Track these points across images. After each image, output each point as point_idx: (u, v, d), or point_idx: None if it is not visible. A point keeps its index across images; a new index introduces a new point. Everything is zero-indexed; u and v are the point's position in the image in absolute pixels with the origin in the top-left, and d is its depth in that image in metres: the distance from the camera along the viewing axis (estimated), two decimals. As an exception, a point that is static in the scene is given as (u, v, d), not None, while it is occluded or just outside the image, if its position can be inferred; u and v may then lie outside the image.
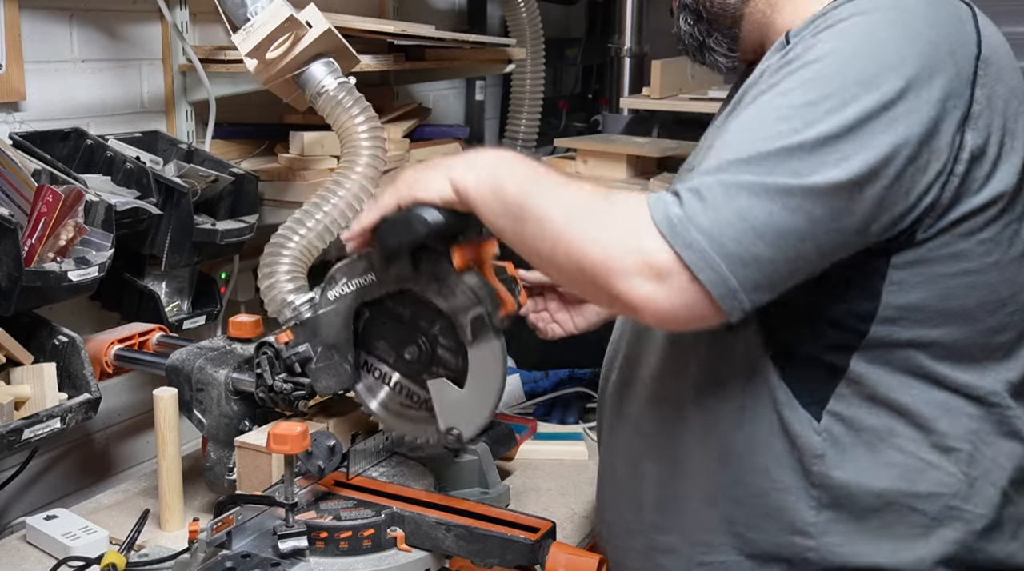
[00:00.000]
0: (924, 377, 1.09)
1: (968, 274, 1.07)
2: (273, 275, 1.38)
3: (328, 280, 1.28)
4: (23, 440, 1.33)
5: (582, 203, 1.03)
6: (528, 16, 2.44)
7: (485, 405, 1.24)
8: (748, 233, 0.95)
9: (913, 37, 1.02)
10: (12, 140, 1.52)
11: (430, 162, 1.17)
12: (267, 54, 1.40)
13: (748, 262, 0.96)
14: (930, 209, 1.03)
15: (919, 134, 1.00)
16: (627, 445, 1.27)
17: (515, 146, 2.56)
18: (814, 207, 0.96)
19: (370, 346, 1.32)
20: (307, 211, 1.41)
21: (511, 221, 1.07)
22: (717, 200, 0.96)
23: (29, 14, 1.57)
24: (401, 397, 1.32)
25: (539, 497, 1.65)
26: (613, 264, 0.98)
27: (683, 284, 0.96)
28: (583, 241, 1.00)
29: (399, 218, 1.14)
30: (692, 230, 0.95)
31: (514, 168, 1.08)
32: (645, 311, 0.98)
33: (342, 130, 1.42)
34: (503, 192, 1.07)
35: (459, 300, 1.21)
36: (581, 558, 1.22)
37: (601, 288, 1.00)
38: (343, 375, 1.32)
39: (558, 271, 1.06)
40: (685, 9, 1.26)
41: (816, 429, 1.10)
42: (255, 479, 1.37)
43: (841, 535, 1.10)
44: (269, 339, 1.35)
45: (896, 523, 1.10)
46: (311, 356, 1.32)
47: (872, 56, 1.01)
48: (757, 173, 0.97)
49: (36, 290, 1.34)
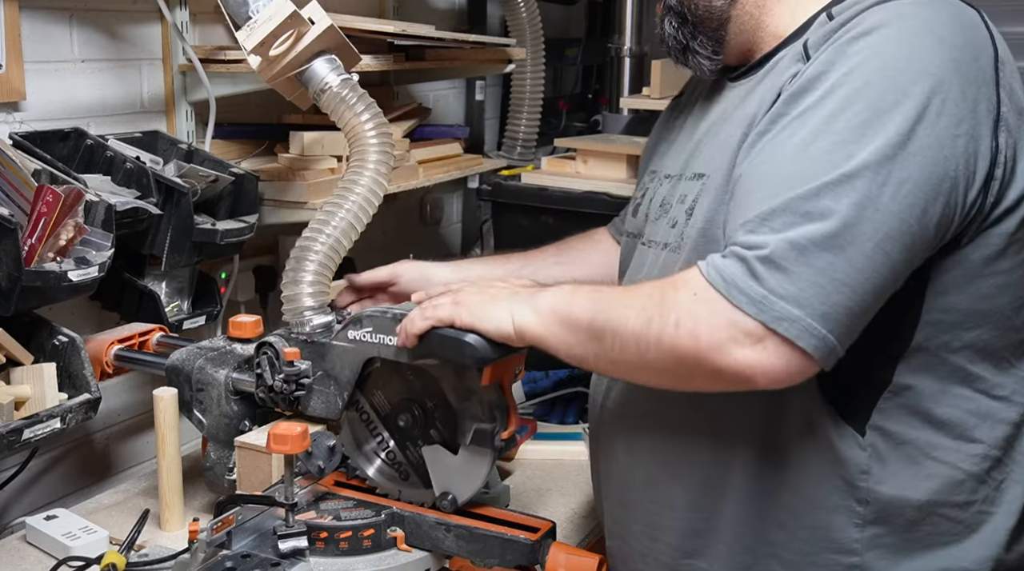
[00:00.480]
0: (963, 381, 1.09)
1: (1001, 274, 1.08)
2: (298, 284, 1.38)
3: (355, 320, 1.29)
4: (23, 440, 1.33)
5: (649, 303, 1.04)
6: (528, 16, 2.44)
7: (480, 472, 1.26)
8: (836, 290, 0.96)
9: (941, 46, 1.01)
10: (12, 140, 1.52)
11: (494, 288, 1.20)
12: (271, 51, 1.40)
13: (842, 316, 0.96)
14: (977, 213, 1.04)
15: (964, 143, 1.00)
16: (643, 470, 1.24)
17: (515, 146, 2.56)
18: (886, 238, 0.97)
19: (369, 391, 1.34)
20: (329, 212, 1.40)
21: (589, 345, 1.08)
22: (794, 265, 0.96)
23: (29, 14, 1.57)
24: (394, 467, 1.35)
25: (539, 497, 1.65)
26: (706, 344, 0.98)
27: (780, 346, 0.96)
28: (670, 336, 1.01)
29: (451, 338, 1.17)
30: (779, 303, 0.95)
31: (575, 298, 1.11)
32: (756, 376, 0.98)
33: (347, 127, 1.42)
34: (573, 322, 1.09)
35: (472, 409, 1.25)
36: (581, 558, 1.22)
37: (705, 371, 1.00)
38: (332, 406, 1.33)
39: (654, 372, 1.06)
40: (670, 11, 1.24)
41: (861, 444, 1.09)
42: (255, 479, 1.37)
43: (884, 550, 1.10)
44: (270, 339, 1.35)
45: (934, 533, 1.10)
46: (309, 375, 1.34)
47: (906, 70, 1.00)
48: (822, 219, 0.96)
49: (36, 290, 1.34)
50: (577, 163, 2.27)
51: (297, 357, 1.33)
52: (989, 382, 1.10)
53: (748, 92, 1.17)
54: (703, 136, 1.23)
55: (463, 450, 1.26)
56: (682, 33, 1.23)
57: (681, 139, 1.30)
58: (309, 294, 1.37)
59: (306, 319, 1.37)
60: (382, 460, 1.35)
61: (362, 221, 1.41)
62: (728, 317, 0.97)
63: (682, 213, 1.18)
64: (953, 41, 1.02)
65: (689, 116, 1.32)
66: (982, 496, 1.11)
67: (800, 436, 1.10)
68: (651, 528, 1.23)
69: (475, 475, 1.26)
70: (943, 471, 1.10)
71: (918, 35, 1.02)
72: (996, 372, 1.11)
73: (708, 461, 1.17)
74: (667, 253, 1.20)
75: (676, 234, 1.18)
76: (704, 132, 1.23)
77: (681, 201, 1.20)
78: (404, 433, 1.32)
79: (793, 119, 1.03)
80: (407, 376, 1.30)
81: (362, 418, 1.35)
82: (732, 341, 0.97)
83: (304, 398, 1.34)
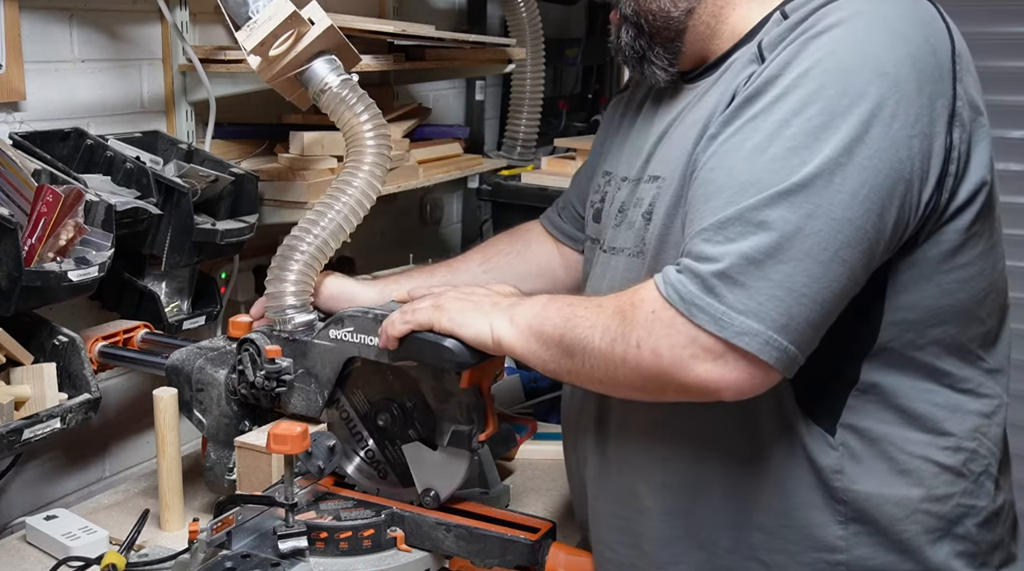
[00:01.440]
0: (930, 377, 1.09)
1: (960, 269, 1.08)
2: (281, 282, 1.38)
3: (336, 319, 1.30)
4: (23, 440, 1.33)
5: (612, 323, 1.04)
6: (528, 16, 2.44)
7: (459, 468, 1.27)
8: (794, 301, 0.95)
9: (897, 43, 1.00)
10: (12, 140, 1.52)
11: (474, 296, 1.20)
12: (270, 51, 1.40)
13: (802, 326, 0.96)
14: (933, 211, 1.03)
15: (919, 143, 0.99)
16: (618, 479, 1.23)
17: (515, 146, 2.56)
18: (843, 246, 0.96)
19: (349, 390, 1.35)
20: (319, 212, 1.40)
21: (562, 361, 1.10)
22: (751, 278, 0.95)
23: (29, 14, 1.57)
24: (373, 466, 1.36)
25: (539, 497, 1.65)
26: (668, 361, 0.99)
27: (742, 360, 0.97)
28: (634, 356, 1.01)
29: (431, 342, 1.19)
30: (739, 318, 0.95)
31: (547, 312, 1.11)
32: (721, 390, 0.99)
33: (346, 127, 1.42)
34: (546, 337, 1.10)
35: (451, 410, 1.26)
36: (581, 558, 1.22)
37: (673, 386, 1.01)
38: (313, 404, 1.34)
39: (625, 387, 1.07)
40: (626, 21, 1.22)
41: (832, 444, 1.09)
42: (255, 479, 1.37)
43: (869, 547, 1.10)
44: (252, 336, 1.36)
45: (917, 528, 1.10)
46: (290, 372, 1.34)
47: (860, 71, 0.99)
48: (777, 229, 0.95)
49: (36, 290, 1.34)
50: (577, 163, 2.27)
51: (279, 354, 1.34)
52: (955, 376, 1.10)
53: (703, 93, 1.16)
54: (658, 138, 1.21)
55: (441, 449, 1.27)
56: (639, 43, 1.21)
57: (634, 140, 1.28)
58: (292, 293, 1.37)
59: (288, 317, 1.37)
60: (361, 458, 1.36)
61: (352, 223, 1.41)
62: (687, 335, 0.97)
63: (639, 217, 1.17)
64: (910, 36, 1.01)
65: (640, 115, 1.30)
66: (960, 489, 1.11)
67: (773, 438, 1.10)
68: (631, 536, 1.22)
69: (455, 471, 1.27)
70: (917, 465, 1.09)
71: (874, 31, 1.01)
72: (963, 365, 1.10)
73: (684, 468, 1.16)
74: (628, 259, 1.19)
75: (636, 239, 1.18)
76: (660, 134, 1.21)
77: (637, 205, 1.19)
78: (383, 432, 1.33)
79: (746, 122, 1.02)
80: (387, 376, 1.31)
81: (342, 416, 1.36)
82: (693, 357, 0.97)
83: (285, 395, 1.35)
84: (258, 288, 2.02)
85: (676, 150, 1.14)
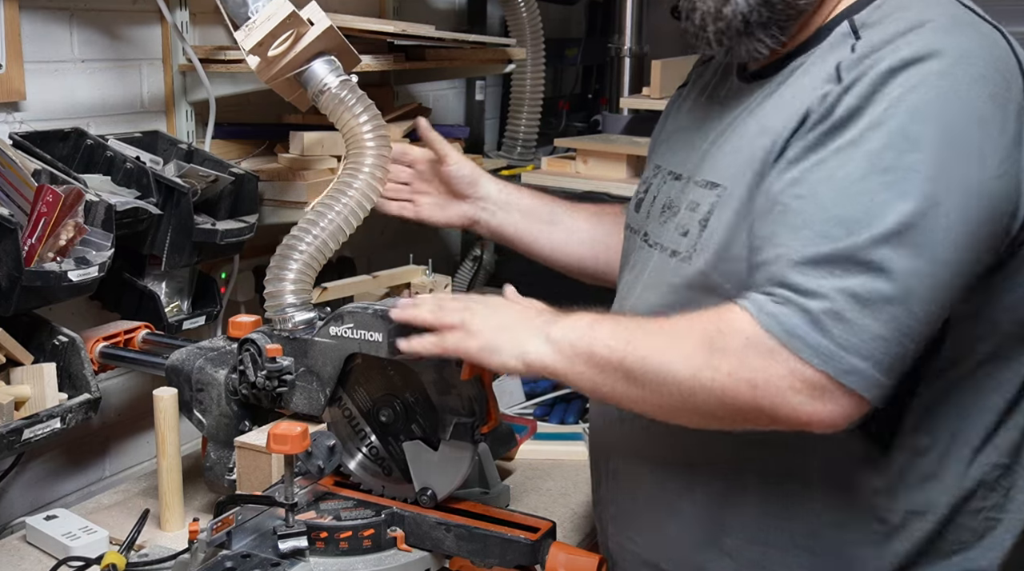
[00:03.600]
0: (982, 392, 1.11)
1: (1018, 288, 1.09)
2: (280, 281, 1.37)
3: (336, 316, 1.29)
4: (23, 440, 1.33)
5: (695, 351, 1.02)
6: (528, 16, 2.44)
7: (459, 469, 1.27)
8: (897, 341, 0.96)
9: (980, 83, 1.00)
10: (12, 140, 1.52)
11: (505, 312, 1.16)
12: (269, 51, 1.40)
13: (899, 364, 0.97)
14: (1012, 243, 1.05)
15: (1006, 184, 1.00)
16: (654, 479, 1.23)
17: (515, 146, 2.56)
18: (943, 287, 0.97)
19: (350, 387, 1.35)
20: (319, 212, 1.40)
21: (620, 386, 1.06)
22: (859, 317, 0.95)
23: (29, 14, 1.57)
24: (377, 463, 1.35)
25: (539, 497, 1.65)
26: (763, 393, 0.98)
27: (841, 396, 0.97)
28: (721, 385, 1.00)
29: None
30: (846, 357, 0.95)
31: (598, 333, 1.08)
32: (813, 424, 0.98)
33: (345, 128, 1.42)
34: (599, 361, 1.07)
35: (452, 403, 1.26)
36: (581, 558, 1.22)
37: (761, 418, 1.00)
38: (315, 402, 1.34)
39: (698, 415, 1.05)
40: None
41: (882, 462, 1.10)
42: (255, 479, 1.37)
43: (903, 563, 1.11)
44: (252, 336, 1.35)
45: (952, 541, 1.11)
46: (292, 371, 1.34)
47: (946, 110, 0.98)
48: (884, 270, 0.95)
49: (36, 290, 1.34)
50: (577, 163, 2.28)
51: (279, 353, 1.33)
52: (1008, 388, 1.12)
53: (766, 97, 1.13)
54: (716, 138, 1.18)
55: (443, 445, 1.27)
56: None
57: (689, 136, 1.26)
58: (291, 292, 1.37)
59: (288, 316, 1.37)
60: (364, 455, 1.36)
61: (352, 224, 1.41)
62: (789, 367, 0.97)
63: (695, 223, 1.14)
64: (989, 75, 1.01)
65: (697, 111, 1.28)
66: (991, 503, 1.12)
67: (821, 455, 1.10)
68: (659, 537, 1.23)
69: (455, 470, 1.27)
70: (958, 483, 1.11)
71: (959, 68, 1.00)
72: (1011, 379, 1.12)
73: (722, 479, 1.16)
74: (675, 261, 1.17)
75: (688, 244, 1.15)
76: (716, 135, 1.18)
77: (692, 208, 1.16)
78: (386, 428, 1.33)
79: (835, 152, 1.00)
80: (388, 372, 1.31)
81: (344, 414, 1.36)
82: (792, 391, 0.97)
83: (287, 394, 1.35)
84: (258, 288, 2.02)
85: (738, 158, 1.11)
